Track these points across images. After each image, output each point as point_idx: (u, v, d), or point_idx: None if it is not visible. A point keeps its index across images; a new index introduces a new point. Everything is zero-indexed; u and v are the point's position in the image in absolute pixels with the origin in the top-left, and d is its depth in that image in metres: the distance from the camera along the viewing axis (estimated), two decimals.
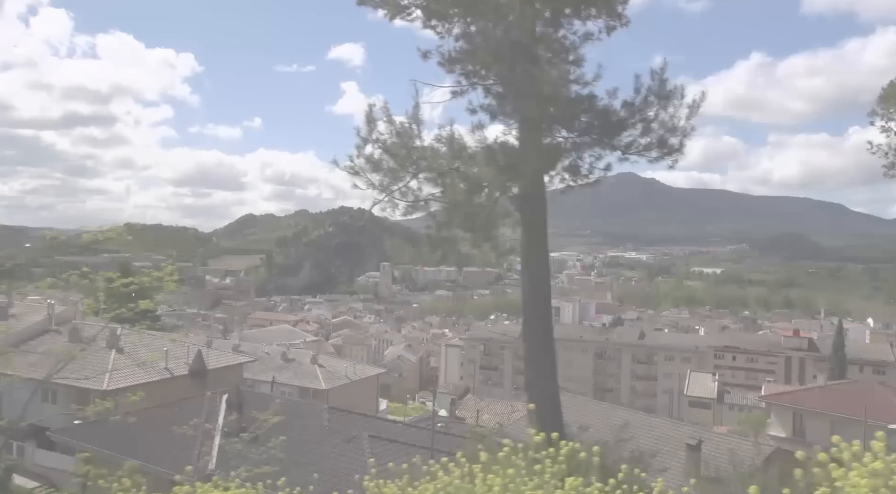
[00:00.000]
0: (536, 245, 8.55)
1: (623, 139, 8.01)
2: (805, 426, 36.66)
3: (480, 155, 7.59)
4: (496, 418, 51.69)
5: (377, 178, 8.34)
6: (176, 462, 22.11)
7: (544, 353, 8.61)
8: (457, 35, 8.91)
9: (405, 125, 8.25)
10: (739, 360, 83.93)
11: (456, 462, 5.01)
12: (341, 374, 57.29)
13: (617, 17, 8.28)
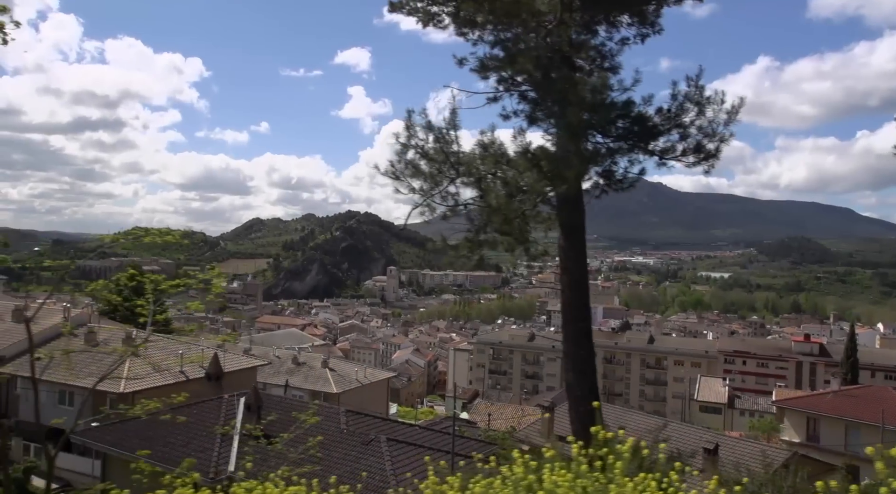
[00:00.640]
0: (575, 249, 8.68)
1: (659, 145, 8.16)
2: (819, 431, 36.54)
3: (521, 160, 7.73)
4: (507, 422, 51.72)
5: (417, 183, 8.52)
6: (196, 465, 22.26)
7: (584, 353, 8.73)
8: (491, 42, 9.11)
9: (443, 131, 8.41)
10: (749, 365, 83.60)
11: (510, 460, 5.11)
12: (352, 378, 57.42)
13: (650, 24, 8.44)
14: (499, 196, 7.43)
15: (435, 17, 10.13)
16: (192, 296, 57.83)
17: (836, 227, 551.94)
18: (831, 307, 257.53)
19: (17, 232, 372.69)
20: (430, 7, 10.07)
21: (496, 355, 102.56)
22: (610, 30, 8.43)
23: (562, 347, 9.28)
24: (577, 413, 8.48)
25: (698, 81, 7.98)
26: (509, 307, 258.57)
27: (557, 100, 8.14)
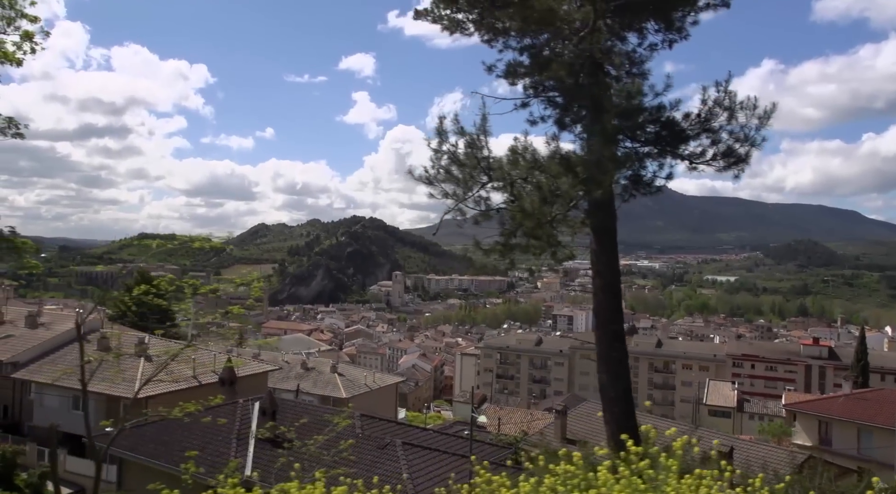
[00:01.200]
0: (607, 252, 8.80)
1: (690, 149, 8.26)
2: (832, 434, 36.43)
3: (554, 165, 7.84)
4: (517, 426, 51.66)
5: (451, 188, 8.65)
6: (211, 469, 22.35)
7: (617, 355, 8.83)
8: (518, 48, 9.24)
9: (474, 137, 8.54)
10: (758, 368, 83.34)
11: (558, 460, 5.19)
12: (361, 383, 57.51)
13: (676, 30, 8.56)
14: (533, 201, 7.55)
15: (460, 24, 10.29)
16: (199, 302, 57.70)
17: (842, 230, 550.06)
18: (838, 311, 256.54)
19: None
20: (456, 15, 10.23)
21: (503, 359, 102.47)
22: (639, 36, 8.58)
23: (595, 349, 9.39)
24: (612, 414, 8.58)
25: (727, 86, 8.12)
26: (515, 312, 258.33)
27: (590, 105, 8.28)
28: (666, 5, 7.95)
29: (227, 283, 8.73)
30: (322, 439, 8.81)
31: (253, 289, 7.92)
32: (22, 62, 12.20)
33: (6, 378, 34.58)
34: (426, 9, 10.49)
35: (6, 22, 11.70)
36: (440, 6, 10.30)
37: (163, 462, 22.33)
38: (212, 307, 44.98)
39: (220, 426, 24.39)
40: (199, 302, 49.67)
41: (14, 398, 35.62)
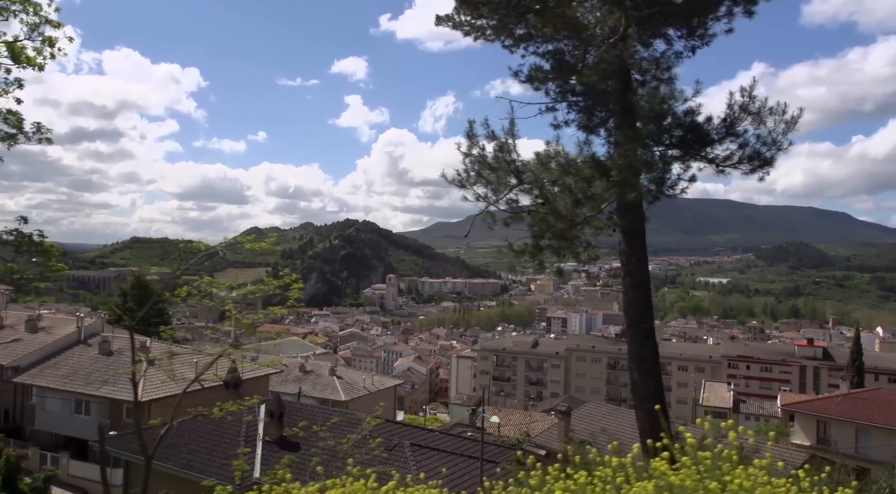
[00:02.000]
0: (637, 253, 9.01)
1: (718, 152, 8.48)
2: (830, 434, 36.79)
3: (587, 168, 8.05)
4: (515, 428, 51.82)
5: (482, 190, 8.84)
6: (220, 471, 22.44)
7: (648, 353, 9.03)
8: (542, 54, 9.44)
9: (504, 141, 8.73)
10: (753, 369, 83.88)
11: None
12: (359, 385, 57.54)
13: (698, 37, 8.79)
14: (566, 203, 7.74)
15: (481, 30, 10.48)
16: (192, 306, 58.31)
17: (833, 231, 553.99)
18: (830, 312, 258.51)
19: None
20: (476, 21, 10.41)
21: (500, 362, 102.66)
22: (665, 42, 8.80)
23: (627, 348, 9.57)
24: (644, 411, 8.79)
25: (752, 91, 8.36)
26: (509, 314, 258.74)
27: (619, 110, 8.49)
28: (690, 13, 8.15)
29: (267, 284, 8.84)
30: (354, 437, 8.93)
31: (292, 291, 8.05)
32: (44, 67, 12.29)
33: (7, 383, 34.47)
34: (447, 15, 10.67)
35: (30, 28, 11.81)
36: (461, 12, 10.48)
37: (171, 466, 22.32)
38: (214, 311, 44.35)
39: (228, 428, 24.47)
40: (194, 305, 49.23)
41: (15, 402, 35.49)
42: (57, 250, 10.17)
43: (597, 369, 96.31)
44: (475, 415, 55.76)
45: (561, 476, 5.05)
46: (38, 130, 10.74)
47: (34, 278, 11.10)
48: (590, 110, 9.15)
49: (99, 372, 34.23)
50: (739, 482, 4.02)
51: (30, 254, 9.67)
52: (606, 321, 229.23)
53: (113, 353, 36.00)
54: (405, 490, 5.84)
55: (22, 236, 9.93)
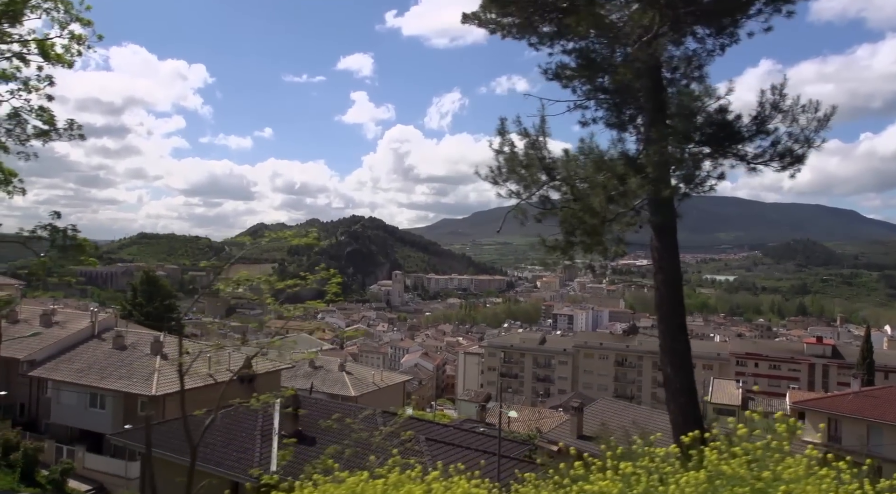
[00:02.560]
0: (668, 248, 9.10)
1: (747, 149, 8.57)
2: (841, 432, 36.77)
3: (620, 165, 8.16)
4: (524, 424, 51.98)
5: (515, 187, 8.95)
6: (238, 465, 22.66)
7: (681, 347, 9.12)
8: (569, 51, 9.52)
9: (535, 138, 8.84)
10: (762, 367, 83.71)
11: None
12: (368, 381, 57.79)
13: (728, 35, 8.87)
14: (601, 200, 7.85)
15: (507, 28, 10.56)
16: (200, 302, 58.69)
17: (840, 229, 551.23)
18: (838, 310, 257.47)
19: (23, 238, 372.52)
20: (503, 19, 10.50)
21: (507, 358, 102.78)
22: (696, 41, 8.86)
23: (659, 342, 9.68)
24: (678, 405, 8.89)
25: (782, 89, 8.44)
26: (515, 311, 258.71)
27: (653, 108, 8.58)
28: (724, 12, 8.22)
29: (304, 279, 8.95)
30: (388, 430, 9.05)
31: (331, 285, 8.17)
32: (73, 64, 12.42)
33: (23, 376, 34.78)
34: (474, 12, 10.76)
35: (60, 26, 11.94)
36: (488, 10, 10.56)
37: (187, 458, 22.49)
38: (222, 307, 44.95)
39: (243, 422, 24.68)
40: (200, 301, 49.33)
41: (31, 395, 35.84)
42: (89, 244, 10.34)
43: (604, 365, 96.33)
44: (484, 411, 55.95)
45: (607, 466, 5.14)
46: (70, 127, 10.90)
47: (65, 273, 11.28)
48: (618, 108, 9.25)
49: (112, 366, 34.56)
50: (793, 471, 4.12)
51: (64, 248, 9.84)
52: (613, 318, 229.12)
53: (126, 347, 36.30)
54: (449, 480, 5.94)
55: (56, 231, 10.10)
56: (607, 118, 9.41)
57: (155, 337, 36.53)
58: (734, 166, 8.62)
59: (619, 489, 4.86)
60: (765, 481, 4.19)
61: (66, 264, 10.38)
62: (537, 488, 6.11)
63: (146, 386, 32.15)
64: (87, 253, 10.36)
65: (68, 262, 10.30)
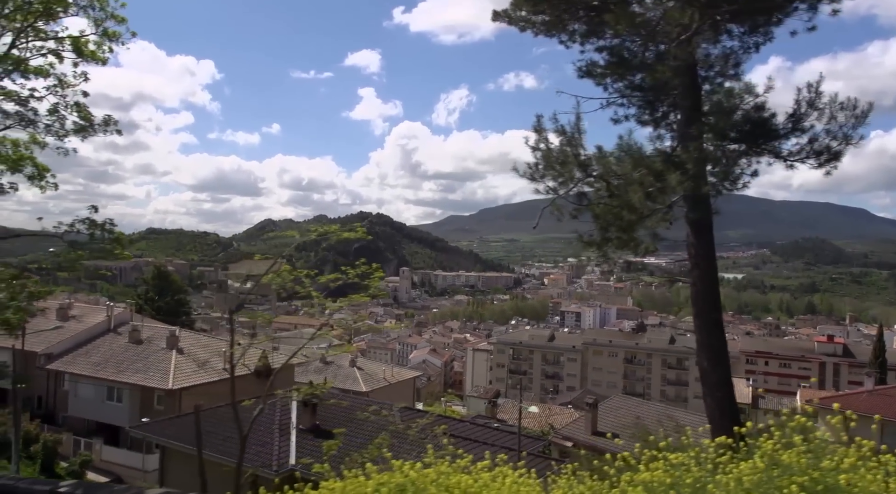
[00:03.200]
0: (705, 245, 9.21)
1: (787, 147, 8.65)
2: (855, 431, 36.62)
3: (659, 162, 8.25)
4: (535, 420, 52.15)
5: (552, 183, 9.05)
6: (256, 458, 22.86)
7: (717, 342, 9.23)
8: (600, 49, 9.61)
9: (571, 135, 8.94)
10: (772, 365, 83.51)
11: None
12: (379, 377, 58.04)
13: (763, 34, 8.94)
14: (640, 197, 7.95)
15: (537, 25, 10.65)
16: (206, 297, 59.35)
17: (850, 227, 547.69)
18: (847, 309, 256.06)
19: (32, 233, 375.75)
20: (533, 17, 10.58)
21: (516, 355, 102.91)
22: (729, 38, 8.94)
23: (695, 337, 9.78)
24: (714, 400, 9.00)
25: (818, 87, 8.50)
26: (522, 308, 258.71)
27: (690, 105, 8.67)
28: (764, 11, 8.27)
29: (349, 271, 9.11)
30: (424, 422, 9.19)
31: (373, 279, 8.31)
32: (106, 61, 12.57)
33: (40, 369, 35.15)
34: (504, 10, 10.85)
35: (95, 23, 12.08)
36: (519, 8, 10.65)
37: (207, 451, 22.68)
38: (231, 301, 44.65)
39: (261, 416, 24.85)
40: (209, 296, 49.92)
41: (48, 388, 36.22)
42: (125, 238, 10.52)
43: (613, 363, 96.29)
44: (495, 407, 56.10)
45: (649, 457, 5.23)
46: (107, 123, 11.06)
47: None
48: (652, 105, 9.33)
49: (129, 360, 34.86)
50: (852, 461, 4.20)
51: (103, 242, 10.02)
52: (620, 316, 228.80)
53: (142, 342, 36.62)
54: (497, 470, 6.05)
55: (94, 225, 10.26)
56: (639, 115, 9.50)
57: (171, 332, 36.84)
58: (771, 164, 8.71)
59: (672, 478, 4.95)
60: (823, 470, 4.28)
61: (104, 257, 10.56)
62: (581, 479, 6.21)
63: (163, 380, 32.45)
64: (124, 247, 10.54)
65: (106, 256, 10.48)
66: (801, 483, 4.24)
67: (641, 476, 5.09)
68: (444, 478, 5.71)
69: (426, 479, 5.69)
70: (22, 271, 10.30)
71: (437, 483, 5.56)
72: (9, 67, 11.58)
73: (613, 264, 9.04)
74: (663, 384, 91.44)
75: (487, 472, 6.19)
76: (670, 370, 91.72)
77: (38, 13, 11.44)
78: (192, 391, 32.39)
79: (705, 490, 4.94)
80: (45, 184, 12.37)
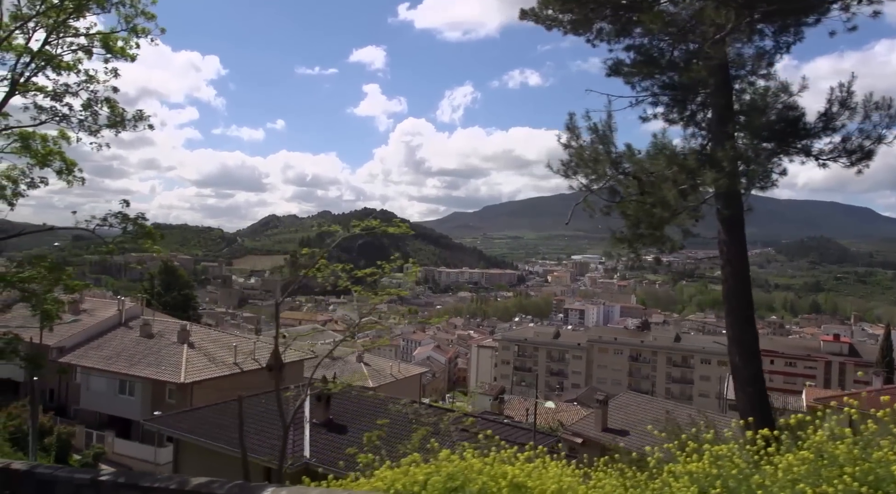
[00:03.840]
0: (737, 242, 9.33)
1: (817, 146, 8.75)
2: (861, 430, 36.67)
3: (693, 160, 8.36)
4: (542, 417, 52.22)
5: (585, 180, 9.18)
6: (272, 452, 23.02)
7: (749, 338, 9.36)
8: (631, 47, 9.72)
9: (603, 133, 9.07)
10: (777, 364, 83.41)
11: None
12: (387, 373, 58.18)
13: (794, 34, 9.02)
14: (674, 194, 8.05)
15: (564, 24, 10.76)
16: (212, 292, 59.77)
17: (855, 227, 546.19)
18: (851, 308, 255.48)
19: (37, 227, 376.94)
20: (562, 16, 10.69)
21: (521, 352, 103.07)
22: (766, 38, 9.04)
23: (727, 333, 9.89)
24: (746, 394, 9.13)
25: (850, 87, 8.60)
26: (526, 305, 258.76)
27: (723, 104, 8.78)
28: (797, 11, 8.38)
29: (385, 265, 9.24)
30: (455, 415, 9.33)
31: (409, 274, 8.44)
32: (135, 57, 12.70)
33: (52, 362, 35.38)
34: (532, 9, 10.96)
35: (126, 20, 12.20)
36: (546, 7, 10.76)
37: (222, 445, 22.91)
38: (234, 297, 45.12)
39: (275, 410, 25.03)
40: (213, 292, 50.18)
41: (60, 381, 36.46)
42: (157, 233, 10.67)
43: (619, 361, 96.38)
44: (501, 403, 56.25)
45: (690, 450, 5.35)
46: (140, 118, 11.20)
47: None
48: (682, 104, 9.44)
49: (140, 353, 35.09)
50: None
51: (135, 236, 10.17)
52: (624, 314, 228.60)
53: (154, 336, 36.85)
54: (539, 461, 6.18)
55: (126, 219, 10.41)
56: (667, 114, 9.62)
57: (182, 326, 37.05)
58: (804, 162, 8.80)
59: (717, 471, 5.07)
60: (874, 462, 4.40)
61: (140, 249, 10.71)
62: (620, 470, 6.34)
63: (175, 374, 32.67)
64: (155, 241, 10.69)
65: (138, 249, 10.63)
66: (851, 473, 4.36)
67: (690, 466, 5.21)
68: (490, 468, 5.86)
69: (473, 469, 5.84)
70: (58, 264, 10.45)
71: (485, 473, 5.71)
72: (41, 63, 11.73)
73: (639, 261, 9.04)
74: (668, 382, 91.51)
75: (530, 463, 6.34)
76: (675, 368, 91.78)
77: (70, 10, 11.58)
78: (203, 385, 32.63)
79: (749, 480, 5.06)
80: (73, 178, 12.53)
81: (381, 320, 18.34)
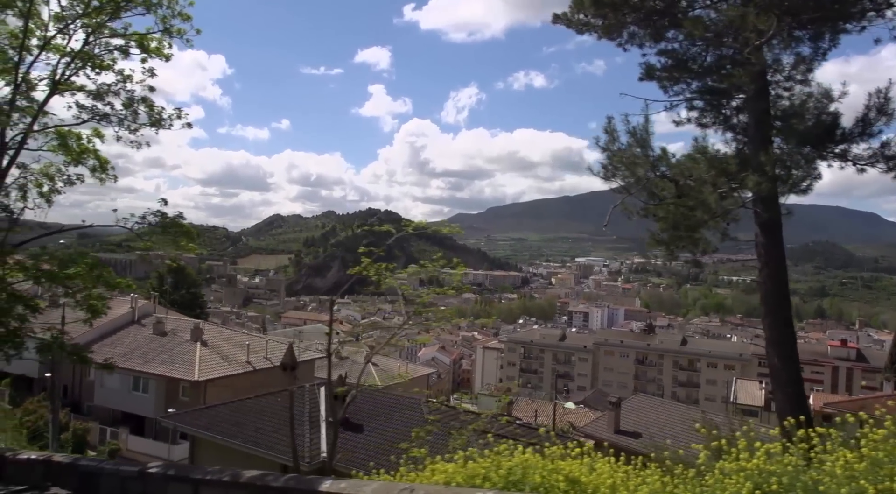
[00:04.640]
0: (774, 244, 9.45)
1: (856, 151, 8.86)
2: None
3: (733, 164, 8.51)
4: (549, 418, 52.27)
5: (623, 182, 9.31)
6: (288, 449, 23.17)
7: (787, 339, 9.47)
8: (664, 52, 9.85)
9: (641, 136, 9.20)
10: None
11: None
12: (394, 373, 58.19)
13: (827, 40, 9.15)
14: (715, 197, 8.18)
15: (596, 28, 10.90)
16: (217, 291, 60.06)
17: (860, 232, 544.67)
18: (856, 313, 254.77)
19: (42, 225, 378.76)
20: (593, 20, 10.84)
21: (527, 354, 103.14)
22: (804, 45, 9.18)
23: (764, 335, 10.01)
24: (786, 395, 9.24)
25: (887, 93, 8.72)
26: (530, 307, 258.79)
27: (761, 109, 8.90)
28: (837, 18, 8.51)
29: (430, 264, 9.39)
30: (489, 413, 9.45)
31: (455, 275, 8.59)
32: (170, 57, 12.88)
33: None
34: (564, 13, 11.12)
35: (162, 20, 12.38)
36: (578, 11, 10.90)
37: (239, 442, 23.09)
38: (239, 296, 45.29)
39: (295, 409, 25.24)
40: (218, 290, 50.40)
41: (74, 378, 36.73)
42: (194, 231, 10.83)
43: (624, 363, 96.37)
44: (510, 405, 56.22)
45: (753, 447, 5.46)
46: (178, 116, 11.36)
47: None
48: (717, 109, 9.57)
49: (154, 351, 35.27)
50: None
51: (174, 235, 10.32)
52: (628, 317, 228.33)
53: (167, 333, 37.08)
54: (593, 457, 6.32)
55: (165, 217, 10.57)
56: (699, 118, 9.75)
57: (195, 324, 37.28)
58: (843, 168, 8.92)
59: (774, 467, 5.19)
60: None
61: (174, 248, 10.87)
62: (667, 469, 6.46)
63: (189, 372, 32.88)
64: (192, 240, 10.85)
65: (174, 247, 10.79)
66: None
67: (745, 463, 5.32)
68: (546, 463, 6.01)
69: (530, 464, 5.99)
70: (99, 262, 10.63)
71: (542, 468, 5.87)
72: (80, 63, 11.91)
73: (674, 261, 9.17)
74: (675, 386, 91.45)
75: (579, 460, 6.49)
76: (681, 372, 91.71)
77: (110, 11, 11.75)
78: (216, 383, 32.84)
79: (800, 477, 5.18)
80: (106, 176, 12.71)
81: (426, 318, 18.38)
